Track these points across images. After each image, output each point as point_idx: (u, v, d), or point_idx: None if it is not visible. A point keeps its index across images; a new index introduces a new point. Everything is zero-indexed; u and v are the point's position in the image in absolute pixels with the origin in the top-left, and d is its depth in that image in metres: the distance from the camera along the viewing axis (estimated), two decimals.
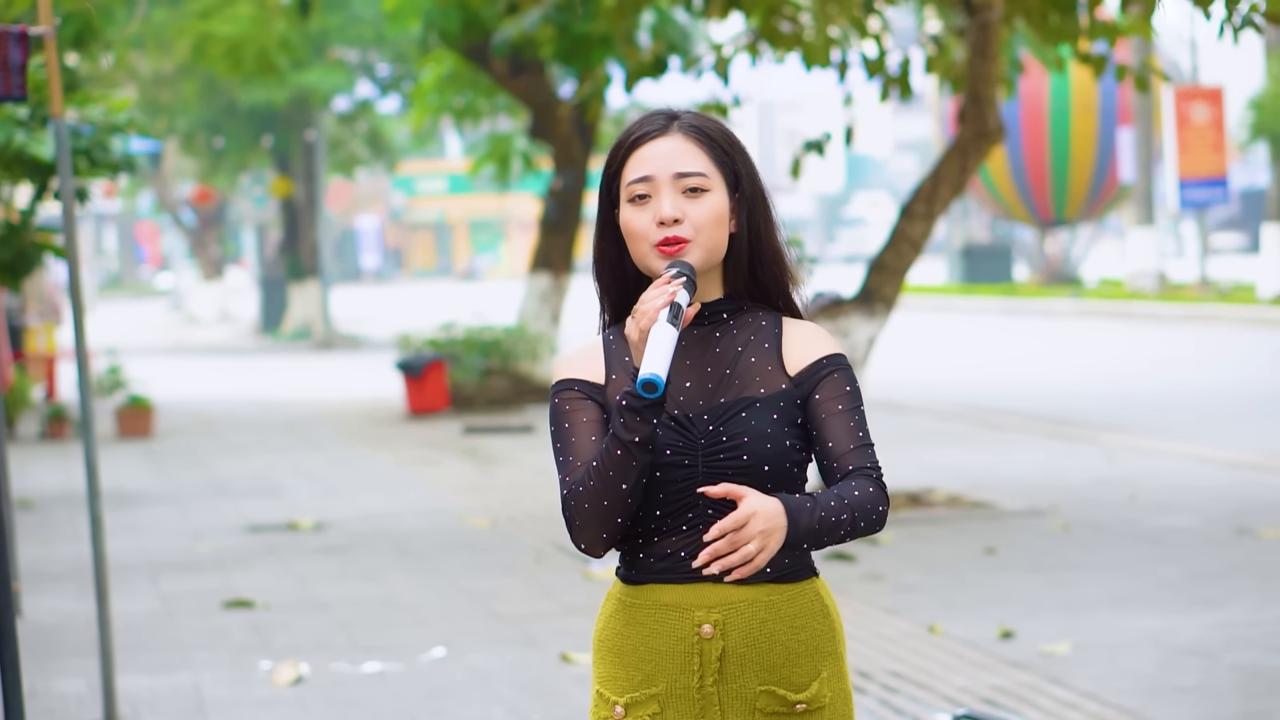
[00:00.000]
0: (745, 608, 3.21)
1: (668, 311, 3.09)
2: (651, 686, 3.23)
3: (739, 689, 3.21)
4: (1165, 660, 7.82)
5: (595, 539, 3.17)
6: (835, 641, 3.27)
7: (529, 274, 21.22)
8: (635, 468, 3.11)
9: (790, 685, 3.22)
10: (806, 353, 3.26)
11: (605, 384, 3.26)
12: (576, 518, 3.17)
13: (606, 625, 3.29)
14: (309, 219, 35.87)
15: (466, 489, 13.94)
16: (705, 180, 3.23)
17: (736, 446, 3.18)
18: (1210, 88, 36.34)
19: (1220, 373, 21.90)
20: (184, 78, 31.42)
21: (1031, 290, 42.31)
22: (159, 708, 7.57)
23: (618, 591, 3.29)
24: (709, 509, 3.18)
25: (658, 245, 3.20)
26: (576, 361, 3.30)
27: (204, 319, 47.22)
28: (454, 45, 19.90)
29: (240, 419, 20.32)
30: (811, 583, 3.26)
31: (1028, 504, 12.17)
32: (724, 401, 3.21)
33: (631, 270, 3.30)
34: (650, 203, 3.23)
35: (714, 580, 3.20)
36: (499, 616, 9.17)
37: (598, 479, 3.13)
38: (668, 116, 3.29)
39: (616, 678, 3.26)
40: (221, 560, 11.06)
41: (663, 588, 3.22)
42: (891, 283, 12.53)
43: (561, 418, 3.25)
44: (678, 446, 3.18)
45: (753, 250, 3.29)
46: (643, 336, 3.09)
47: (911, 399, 19.61)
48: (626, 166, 3.26)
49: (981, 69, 12.39)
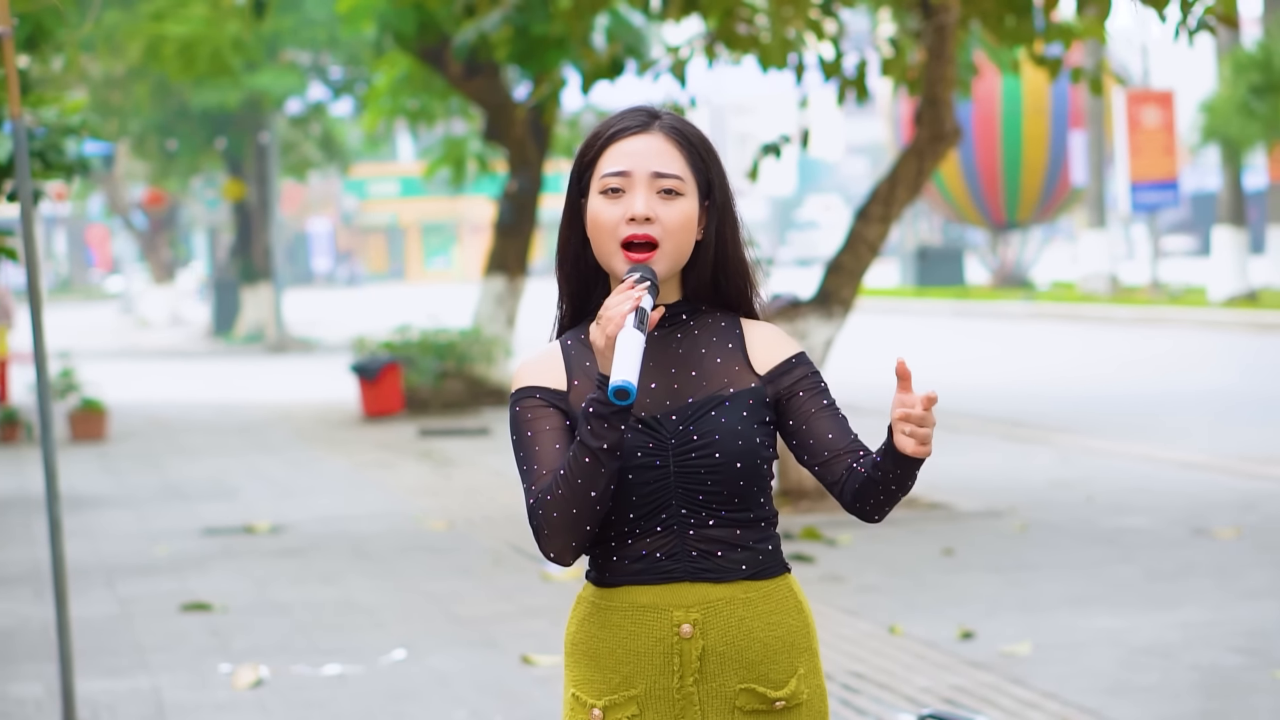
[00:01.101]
0: (723, 606, 3.20)
1: (634, 317, 3.07)
2: (630, 688, 3.22)
3: (719, 688, 3.20)
4: (1125, 660, 7.85)
5: (564, 547, 3.15)
6: (810, 637, 3.27)
7: (484, 277, 21.19)
8: (604, 474, 3.10)
9: (769, 683, 3.21)
10: (773, 352, 3.27)
11: (567, 390, 3.24)
12: (545, 526, 3.14)
13: (580, 629, 3.27)
14: (261, 222, 35.75)
15: (423, 491, 13.91)
16: (680, 184, 3.22)
17: (708, 445, 3.17)
18: (1161, 91, 36.55)
19: (1172, 375, 22.00)
20: (135, 80, 31.28)
21: (984, 293, 42.43)
22: (118, 711, 7.53)
23: (590, 595, 3.27)
24: (682, 509, 3.18)
25: (624, 241, 3.19)
26: (536, 368, 3.27)
27: (155, 322, 47.00)
28: (409, 47, 19.86)
29: (194, 422, 20.24)
30: (785, 579, 3.26)
31: (985, 505, 12.21)
32: (692, 401, 3.21)
33: (593, 263, 3.28)
34: (623, 198, 3.21)
35: (690, 579, 3.19)
36: (458, 619, 9.15)
37: (565, 487, 3.11)
38: (649, 114, 3.27)
39: (593, 681, 3.24)
40: (178, 563, 11.01)
41: (638, 589, 3.21)
42: (849, 285, 12.55)
43: (524, 426, 3.22)
44: (648, 448, 3.17)
45: (717, 260, 3.28)
46: (609, 343, 3.07)
47: (866, 401, 19.59)
48: (603, 158, 3.24)
49: (938, 71, 12.42)
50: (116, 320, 51.85)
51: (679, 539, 3.18)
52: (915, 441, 3.06)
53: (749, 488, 3.18)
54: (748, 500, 3.20)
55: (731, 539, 3.20)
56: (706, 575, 3.19)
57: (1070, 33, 12.90)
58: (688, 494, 3.17)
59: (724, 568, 3.20)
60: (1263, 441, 15.12)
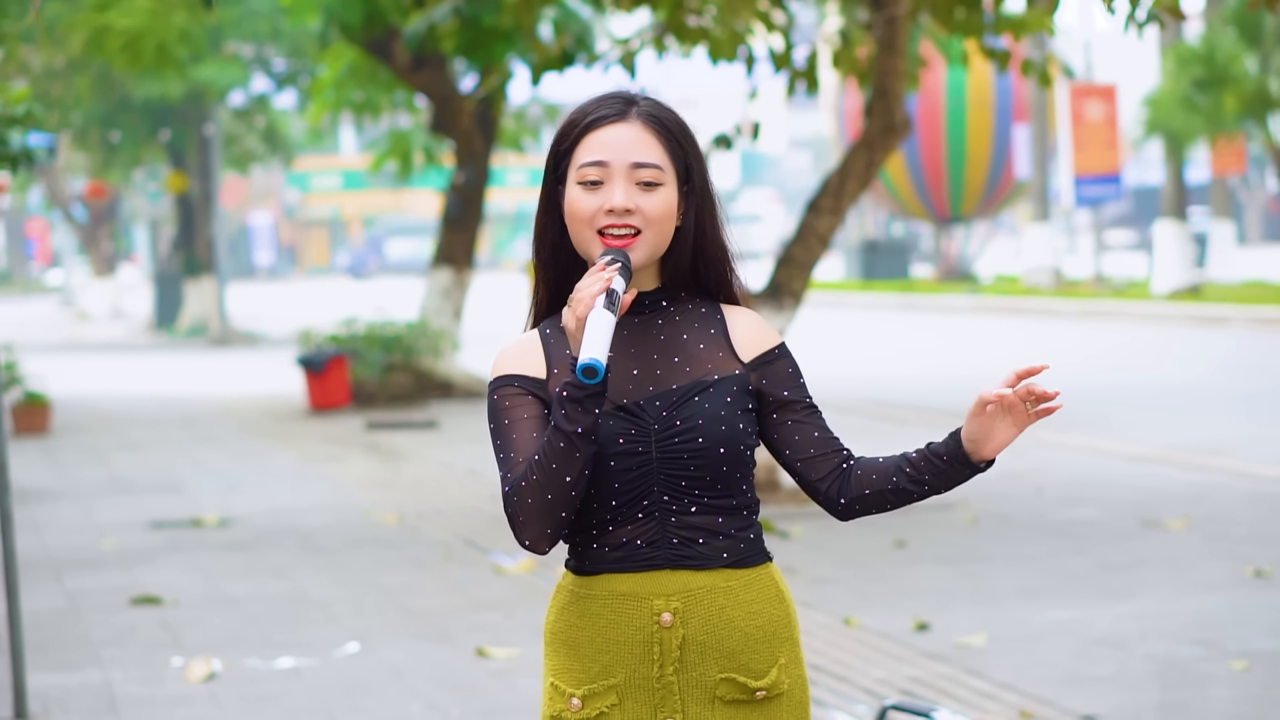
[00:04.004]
0: (704, 594, 3.17)
1: (604, 298, 3.04)
2: (609, 677, 3.18)
3: (699, 677, 3.18)
4: (1080, 651, 7.86)
5: (539, 534, 3.11)
6: (791, 627, 3.24)
7: (430, 269, 21.13)
8: (579, 459, 3.06)
9: (750, 672, 3.19)
10: (757, 341, 3.25)
11: (547, 379, 3.20)
12: (520, 513, 3.10)
13: (559, 618, 3.24)
14: (204, 215, 35.56)
15: (371, 485, 13.84)
16: (660, 174, 3.18)
17: (691, 429, 3.14)
18: (1104, 85, 36.70)
19: (1117, 368, 22.10)
20: (77, 72, 31.04)
21: (929, 286, 42.57)
22: (69, 705, 7.45)
23: (569, 584, 3.24)
24: (664, 496, 3.15)
25: (603, 231, 3.15)
26: (515, 356, 3.23)
27: (96, 316, 46.71)
28: (355, 39, 19.76)
29: (139, 415, 20.10)
30: (766, 568, 3.24)
31: (935, 497, 12.20)
32: (676, 387, 3.17)
33: (571, 250, 3.24)
34: (601, 189, 3.17)
35: (671, 567, 3.17)
36: (411, 612, 9.10)
37: (540, 473, 3.07)
38: (625, 100, 3.22)
39: (572, 669, 3.21)
40: (126, 557, 10.93)
41: (618, 577, 3.18)
42: (799, 277, 12.55)
43: (501, 414, 3.18)
44: (630, 435, 3.14)
45: (697, 247, 3.25)
46: (579, 324, 3.04)
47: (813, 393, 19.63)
48: (580, 147, 3.19)
49: (888, 63, 12.42)
50: (56, 313, 51.51)
51: (660, 526, 3.15)
52: (1028, 419, 3.11)
53: (732, 474, 3.16)
54: (730, 487, 3.17)
55: (713, 526, 3.17)
56: (687, 563, 3.16)
57: (1019, 25, 12.93)
58: (670, 480, 3.14)
59: (705, 555, 3.17)
60: (1208, 434, 15.19)
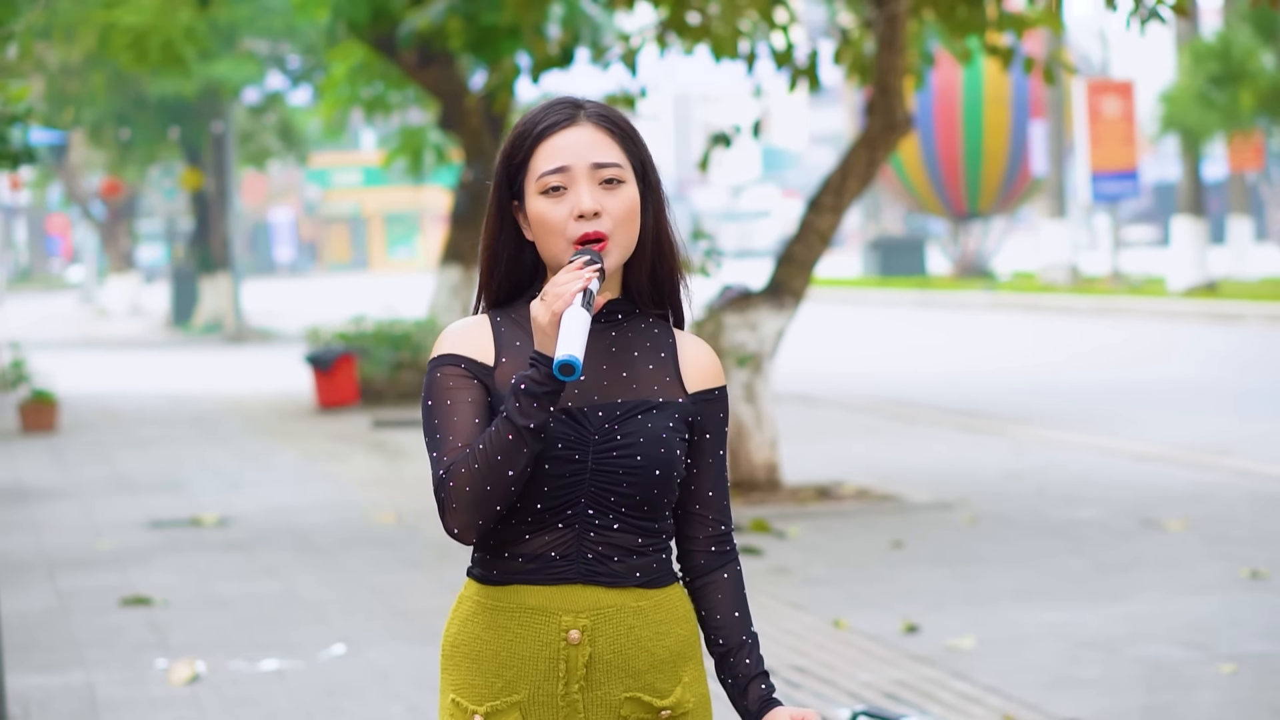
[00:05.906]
0: (614, 614, 3.12)
1: (582, 296, 3.00)
2: (513, 694, 3.12)
3: (604, 696, 3.13)
4: (1068, 653, 7.80)
5: (469, 524, 3.05)
6: (696, 646, 3.20)
7: (439, 267, 21.10)
8: (525, 455, 3.01)
9: (654, 692, 3.14)
10: (706, 374, 3.21)
11: (494, 366, 3.14)
12: (453, 500, 3.04)
13: (463, 629, 3.17)
14: (219, 212, 35.58)
15: (373, 483, 13.81)
16: (621, 171, 3.13)
17: (630, 446, 3.10)
18: (1121, 81, 36.57)
19: (1129, 365, 22.01)
20: (91, 69, 31.07)
21: (945, 283, 42.46)
22: (50, 708, 7.43)
23: (474, 594, 3.17)
24: (589, 509, 3.10)
25: (579, 240, 3.10)
26: (463, 337, 3.16)
27: (115, 312, 46.77)
28: (362, 35, 19.74)
29: (147, 413, 20.10)
30: (675, 588, 3.20)
31: (936, 497, 12.16)
32: (621, 402, 3.13)
33: (529, 263, 3.19)
34: (566, 195, 3.11)
35: (583, 582, 3.11)
36: (401, 613, 9.06)
37: (482, 462, 3.02)
38: (573, 104, 3.17)
39: (474, 685, 3.14)
40: (121, 557, 10.90)
41: (528, 589, 3.12)
42: (800, 275, 12.48)
43: (443, 394, 3.11)
44: (569, 440, 3.09)
45: (655, 243, 3.21)
46: (554, 320, 2.99)
47: (823, 392, 19.61)
48: (535, 157, 3.14)
49: (889, 61, 12.36)
50: (75, 310, 51.59)
51: (578, 539, 3.10)
52: None
53: (660, 497, 3.12)
54: (655, 509, 3.13)
55: (631, 545, 3.12)
56: (599, 579, 3.11)
57: (1023, 22, 12.86)
58: (599, 493, 3.10)
59: (618, 573, 3.12)
60: (1217, 432, 15.11)
